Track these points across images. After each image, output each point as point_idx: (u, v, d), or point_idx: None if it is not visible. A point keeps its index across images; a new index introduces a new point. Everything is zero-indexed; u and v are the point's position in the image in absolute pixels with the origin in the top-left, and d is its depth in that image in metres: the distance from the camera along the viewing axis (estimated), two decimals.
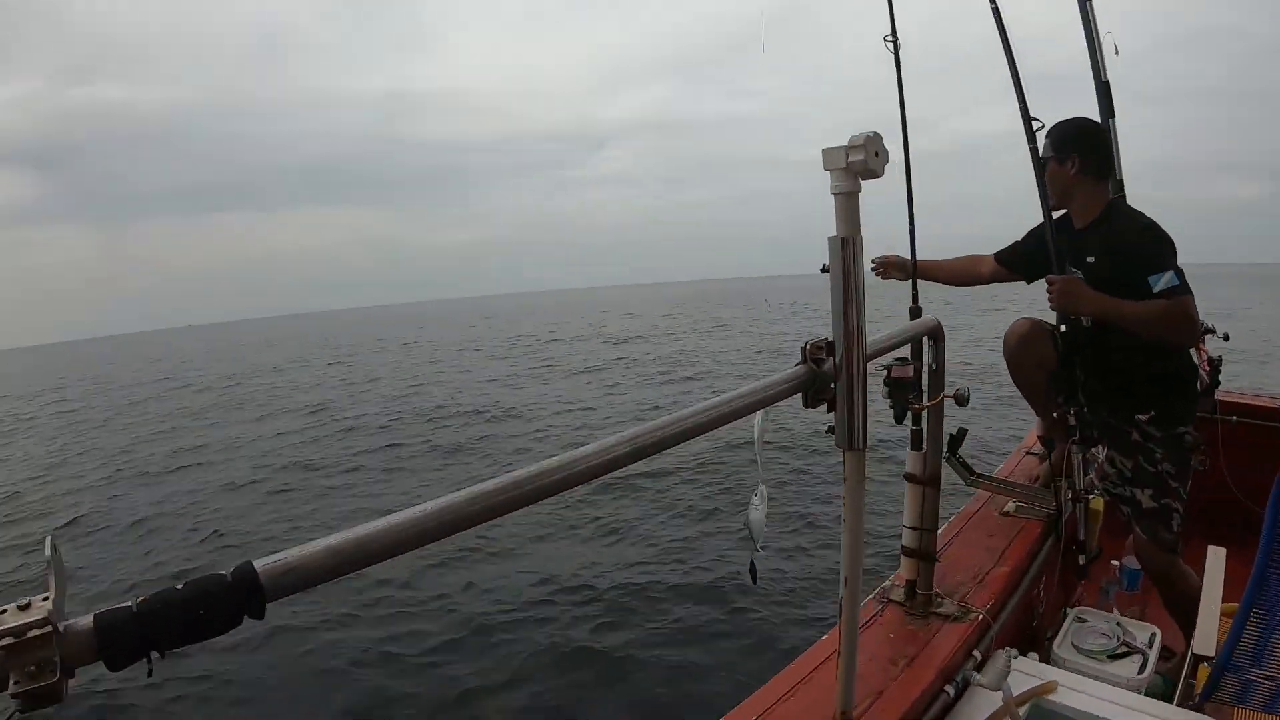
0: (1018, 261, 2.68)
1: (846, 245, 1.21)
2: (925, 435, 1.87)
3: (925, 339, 1.76)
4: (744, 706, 1.57)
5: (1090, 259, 2.36)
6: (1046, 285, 2.34)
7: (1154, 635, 2.17)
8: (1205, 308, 2.32)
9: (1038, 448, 2.91)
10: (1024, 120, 2.37)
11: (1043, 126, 2.40)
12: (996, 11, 2.39)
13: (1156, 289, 2.15)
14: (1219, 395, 3.09)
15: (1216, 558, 2.10)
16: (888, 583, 2.05)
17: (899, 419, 1.77)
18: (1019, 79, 2.37)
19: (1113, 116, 3.06)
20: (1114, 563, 2.91)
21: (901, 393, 1.73)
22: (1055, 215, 2.44)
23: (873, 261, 2.77)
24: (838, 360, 1.24)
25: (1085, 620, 2.25)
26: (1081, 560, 2.46)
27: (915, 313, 2.42)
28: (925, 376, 1.79)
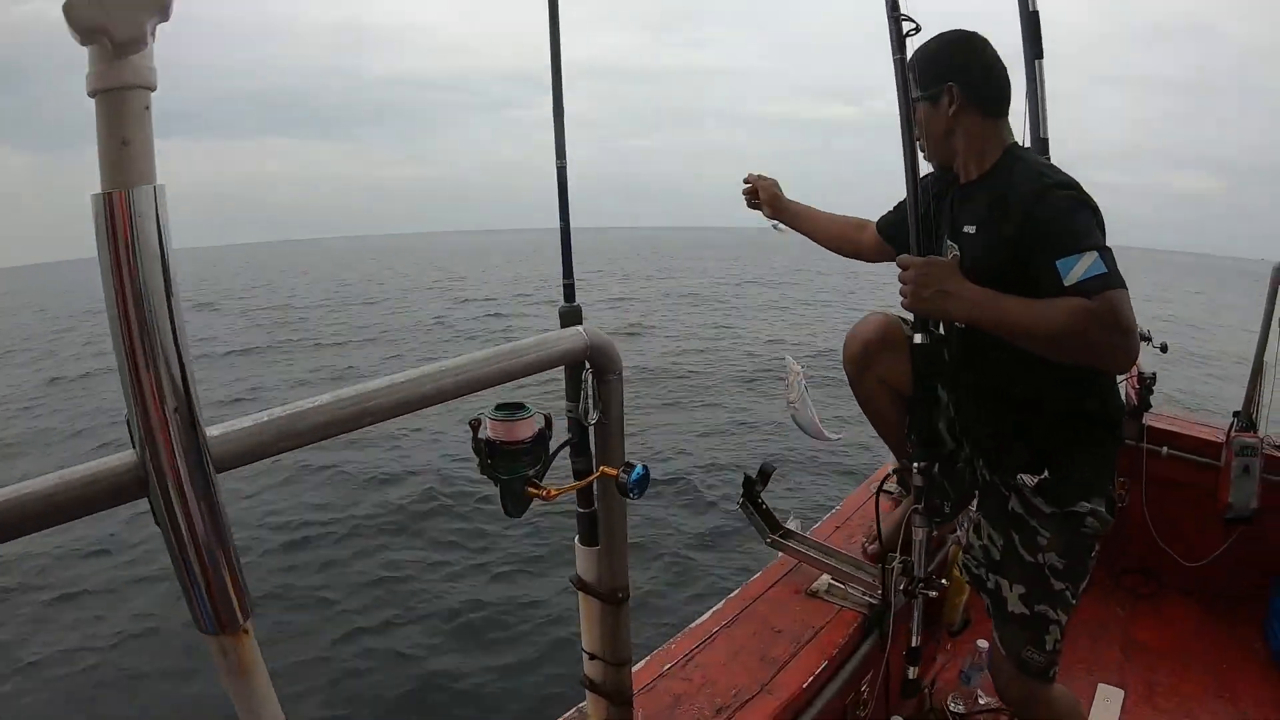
0: (898, 235, 1.85)
1: (116, 206, 0.54)
2: (601, 525, 1.09)
3: (586, 372, 0.95)
4: None
5: (969, 228, 1.55)
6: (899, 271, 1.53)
7: None
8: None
9: (894, 484, 2.14)
10: (891, 22, 1.58)
11: (915, 29, 1.61)
12: None
13: (1069, 280, 1.32)
14: (1148, 419, 2.56)
15: (1108, 703, 1.41)
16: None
17: (512, 510, 0.97)
18: None
19: (1040, 57, 2.41)
20: (980, 643, 2.23)
21: (511, 464, 0.93)
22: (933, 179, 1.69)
23: (744, 180, 2.12)
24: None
25: None
26: (911, 673, 1.70)
27: None
28: (590, 430, 1.00)
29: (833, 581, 1.71)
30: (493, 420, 0.91)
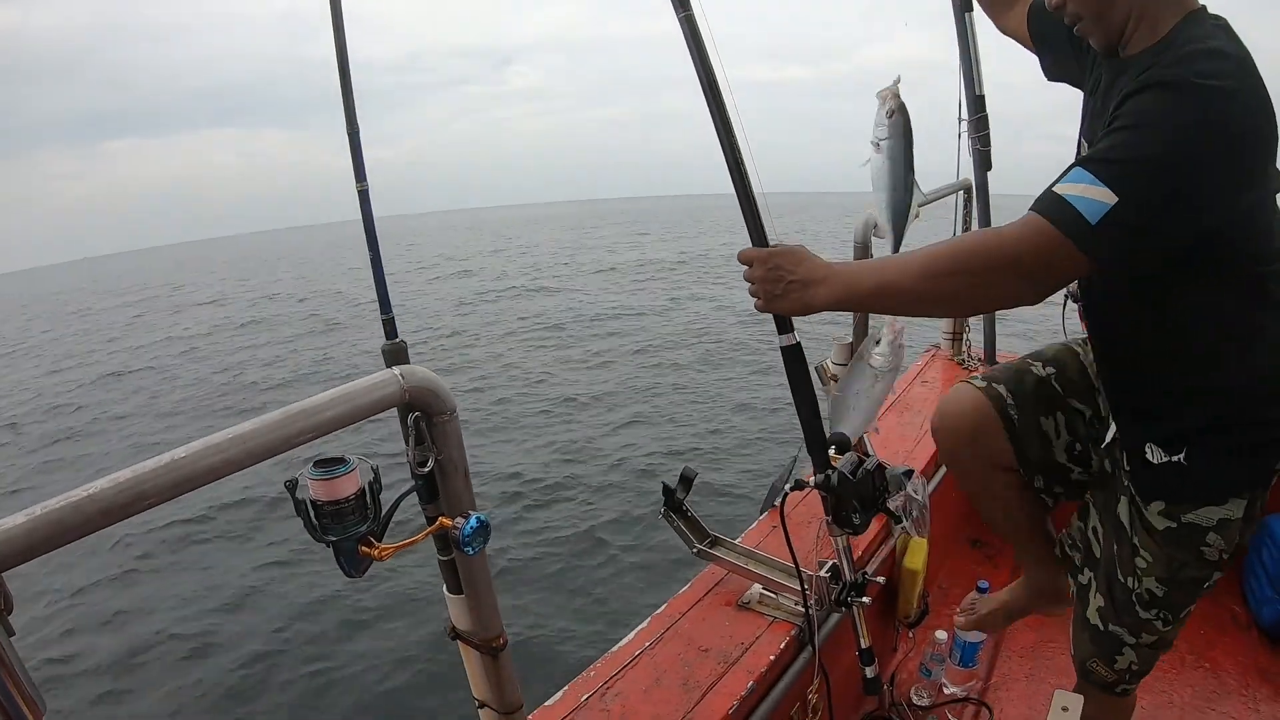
0: (1049, 34, 1.50)
1: None
2: (461, 574, 1.03)
3: (412, 416, 0.89)
4: None
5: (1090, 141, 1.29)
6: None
7: None
8: None
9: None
10: None
11: None
12: None
13: (1054, 186, 1.11)
14: None
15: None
16: None
17: (350, 572, 0.91)
18: None
19: (970, 10, 2.44)
20: (938, 635, 2.19)
21: (338, 524, 0.87)
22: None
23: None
24: None
25: None
26: (870, 674, 1.65)
27: None
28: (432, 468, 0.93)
29: (764, 591, 1.65)
30: (311, 479, 0.86)
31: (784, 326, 1.38)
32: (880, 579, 1.67)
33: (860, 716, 2.19)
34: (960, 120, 2.86)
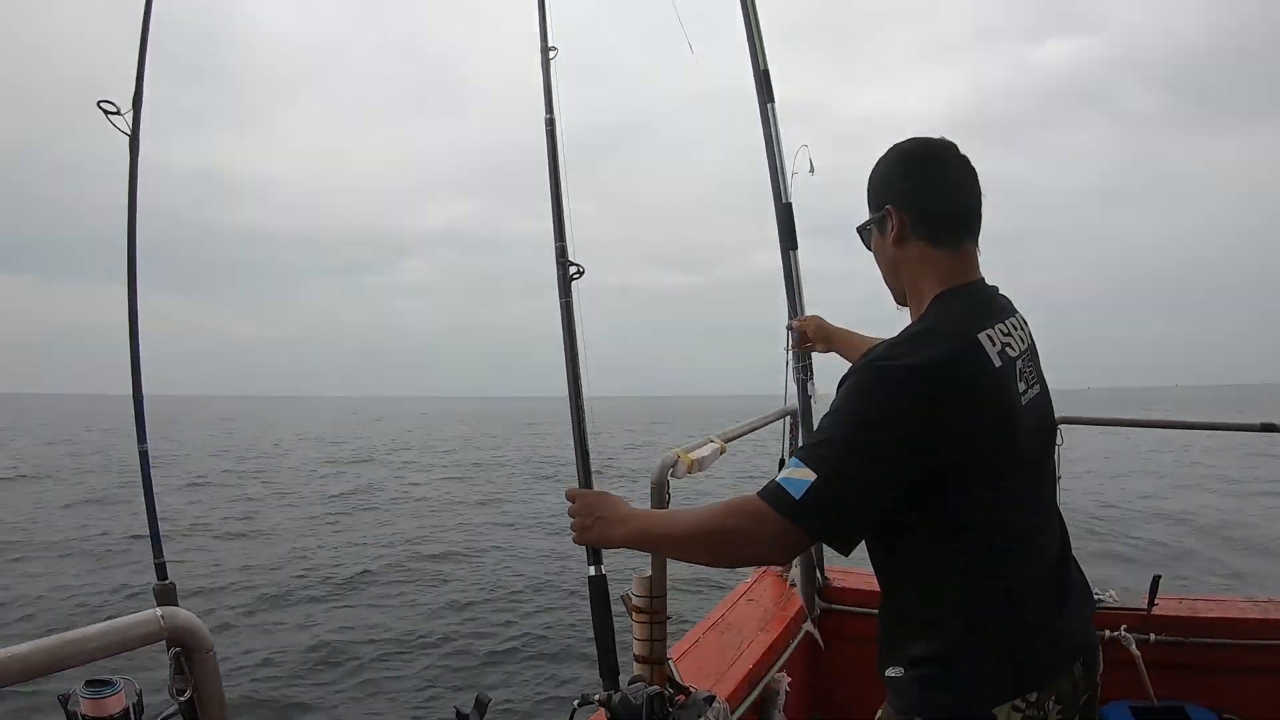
0: None
1: None
2: None
3: (173, 651, 1.03)
4: None
5: None
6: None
7: None
8: None
9: None
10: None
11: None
12: None
13: (778, 477, 1.36)
14: None
15: None
16: None
17: None
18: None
19: (771, 100, 2.83)
20: None
21: None
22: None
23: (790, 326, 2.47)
24: None
25: None
26: None
27: None
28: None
29: None
30: (83, 697, 0.98)
31: (592, 559, 1.66)
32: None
33: None
34: (786, 350, 3.20)
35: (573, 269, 1.74)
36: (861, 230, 1.61)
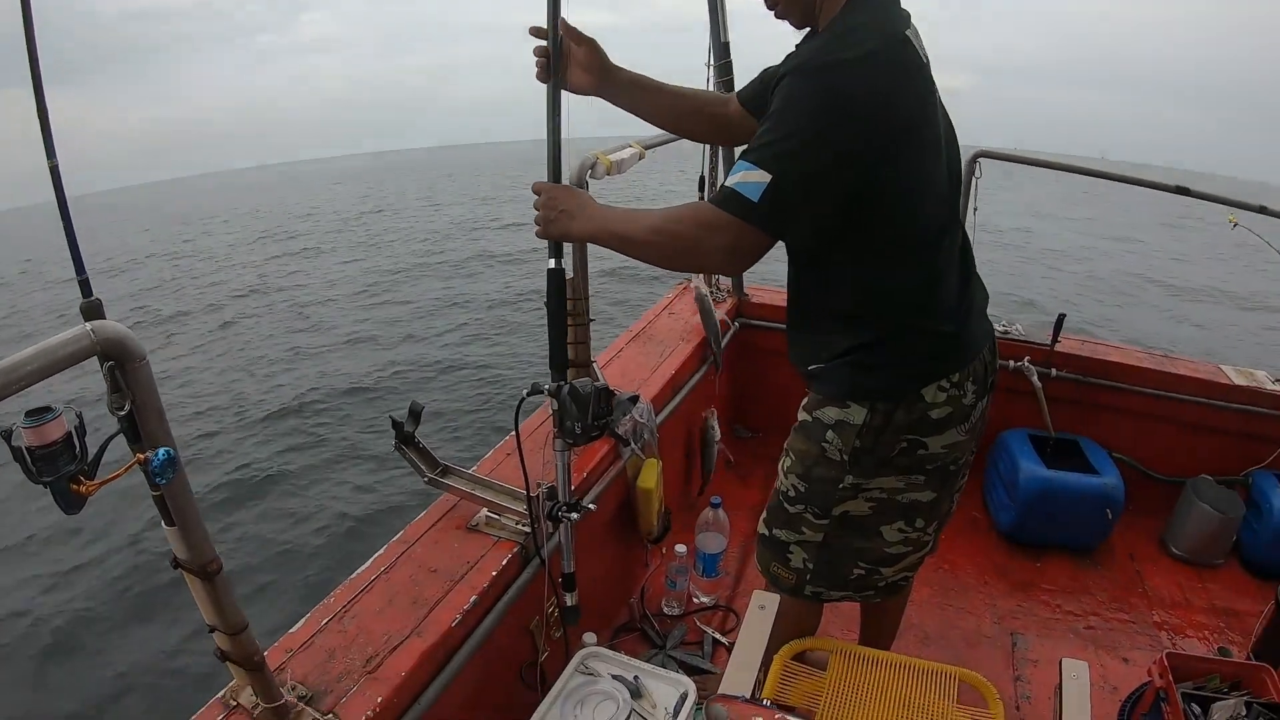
0: (755, 102, 1.76)
1: None
2: (170, 505, 1.22)
3: (106, 366, 1.07)
4: None
5: None
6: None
7: (686, 694, 1.68)
8: None
9: None
10: None
11: None
12: None
13: (728, 181, 1.39)
14: None
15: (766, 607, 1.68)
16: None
17: (66, 509, 1.08)
18: None
19: None
20: (679, 548, 2.55)
21: (51, 467, 1.04)
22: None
23: (531, 31, 1.65)
24: None
25: (590, 674, 1.76)
26: (570, 600, 1.92)
27: None
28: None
29: (489, 514, 1.90)
30: (25, 428, 1.02)
31: (553, 251, 1.67)
32: (590, 506, 1.91)
33: (612, 628, 2.52)
34: (708, 66, 3.17)
35: None
36: None
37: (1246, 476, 3.17)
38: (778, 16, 1.56)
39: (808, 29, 1.55)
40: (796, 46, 1.53)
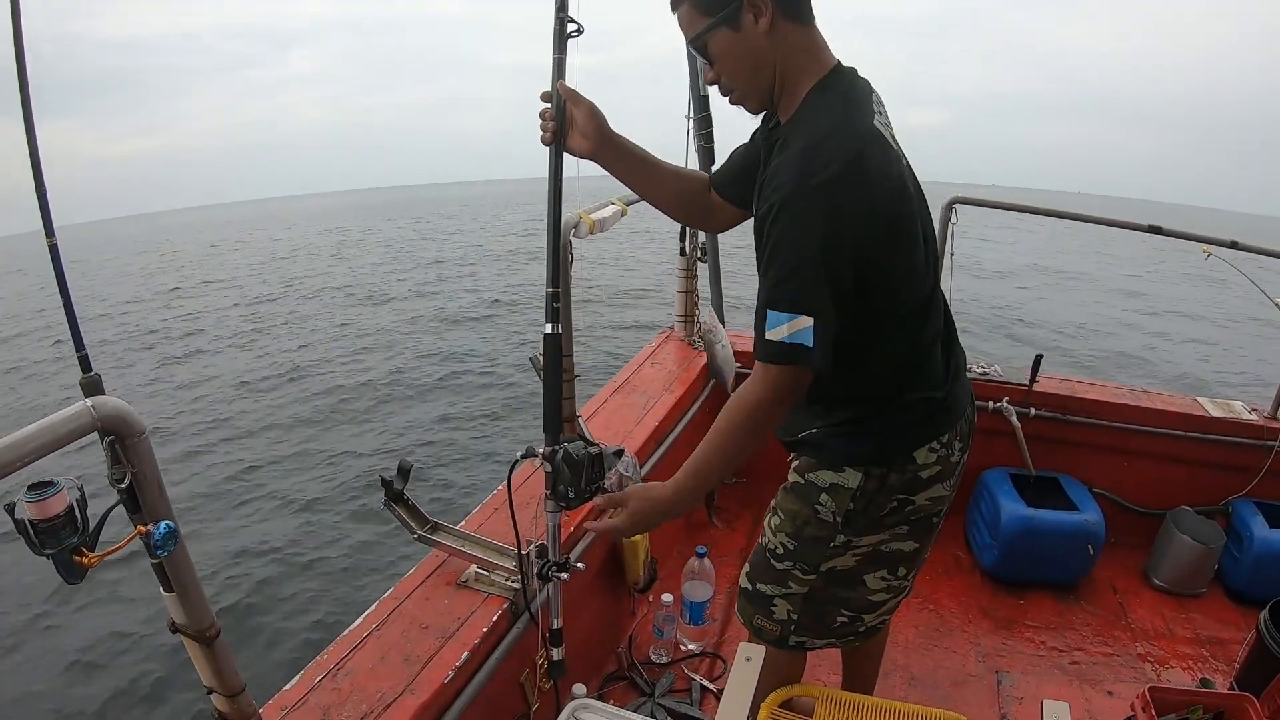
0: (742, 190, 1.74)
1: None
2: (169, 573, 1.28)
3: (107, 440, 1.13)
4: None
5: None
6: None
7: None
8: None
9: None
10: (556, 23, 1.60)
11: (579, 31, 1.63)
12: None
13: (770, 334, 1.42)
14: None
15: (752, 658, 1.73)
16: None
17: (69, 579, 1.15)
18: None
19: None
20: (665, 598, 2.60)
21: (54, 539, 1.11)
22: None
23: (542, 97, 1.68)
24: None
25: None
26: (557, 654, 1.93)
27: None
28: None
29: (479, 570, 1.95)
30: (27, 502, 1.08)
31: (550, 317, 1.73)
32: (579, 565, 1.93)
33: (601, 677, 2.56)
34: (687, 119, 3.27)
35: (572, 26, 1.66)
36: (700, 38, 1.47)
37: (1226, 506, 3.25)
38: (733, 103, 1.58)
39: (765, 112, 1.62)
40: (765, 130, 1.63)
